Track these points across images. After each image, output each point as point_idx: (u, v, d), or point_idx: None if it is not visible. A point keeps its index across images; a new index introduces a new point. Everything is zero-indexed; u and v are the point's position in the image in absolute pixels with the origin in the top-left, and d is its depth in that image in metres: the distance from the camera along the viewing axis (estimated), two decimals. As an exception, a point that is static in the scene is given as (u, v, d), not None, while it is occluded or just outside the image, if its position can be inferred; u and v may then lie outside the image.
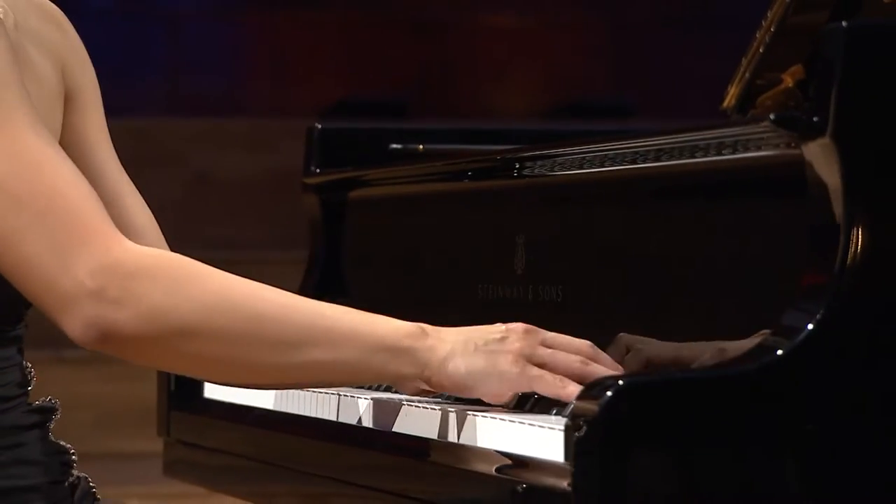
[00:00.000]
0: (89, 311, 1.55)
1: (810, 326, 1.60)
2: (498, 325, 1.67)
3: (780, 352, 1.59)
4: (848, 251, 1.62)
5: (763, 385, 1.59)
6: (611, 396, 1.55)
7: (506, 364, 1.64)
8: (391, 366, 1.62)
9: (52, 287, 1.57)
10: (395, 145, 2.53)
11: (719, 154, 1.79)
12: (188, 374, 1.69)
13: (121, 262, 1.56)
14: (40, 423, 1.75)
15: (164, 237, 1.94)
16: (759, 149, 1.73)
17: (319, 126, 2.57)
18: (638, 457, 1.56)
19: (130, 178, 1.95)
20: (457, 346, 1.63)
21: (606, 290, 1.97)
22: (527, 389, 1.67)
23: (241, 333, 1.57)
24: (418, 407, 1.85)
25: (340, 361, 1.61)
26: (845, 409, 1.61)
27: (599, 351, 1.72)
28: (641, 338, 1.82)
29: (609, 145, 1.94)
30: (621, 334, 1.83)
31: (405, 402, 1.86)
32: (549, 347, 1.67)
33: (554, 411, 1.80)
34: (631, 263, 1.94)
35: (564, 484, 1.57)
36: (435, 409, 1.82)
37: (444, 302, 2.26)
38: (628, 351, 1.81)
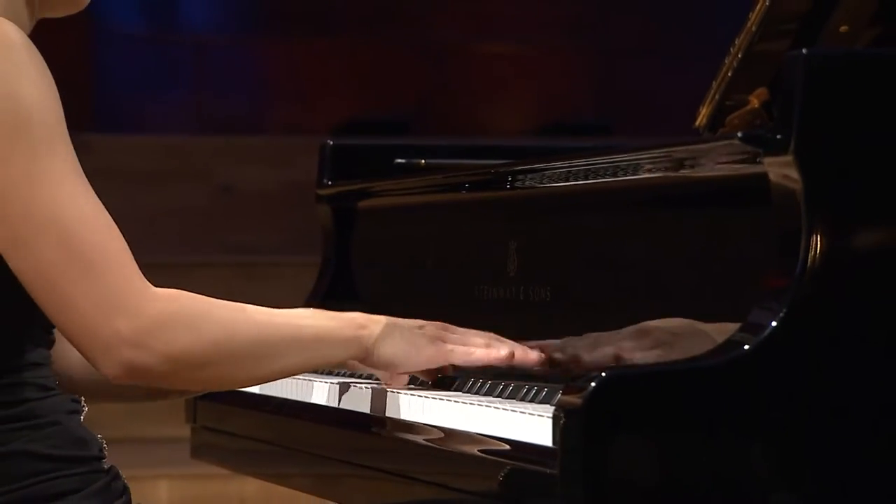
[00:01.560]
0: (125, 357, 1.65)
1: (774, 324, 1.60)
2: (419, 321, 1.84)
3: (746, 347, 1.59)
4: (808, 256, 1.61)
5: (731, 377, 1.58)
6: (594, 387, 1.55)
7: (424, 344, 1.80)
8: (343, 354, 1.79)
9: (92, 334, 1.65)
10: (399, 160, 2.53)
11: (692, 168, 1.78)
12: (199, 391, 1.86)
13: (151, 316, 1.65)
14: (76, 410, 1.78)
15: (192, 245, 1.98)
16: (728, 164, 1.73)
17: (331, 142, 2.57)
18: (618, 442, 1.56)
19: (158, 191, 1.97)
20: (386, 332, 1.79)
21: (590, 290, 1.96)
22: (444, 362, 1.82)
23: (243, 356, 1.72)
24: (423, 398, 1.85)
25: (311, 360, 1.78)
26: (807, 399, 1.61)
27: (501, 339, 1.85)
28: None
29: (592, 160, 1.94)
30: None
31: (410, 394, 1.86)
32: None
33: (541, 398, 1.80)
34: (612, 266, 1.94)
35: (551, 467, 1.57)
36: (442, 400, 1.82)
37: (444, 301, 2.25)
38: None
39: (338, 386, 2.04)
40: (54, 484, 1.71)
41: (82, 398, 1.80)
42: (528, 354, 1.84)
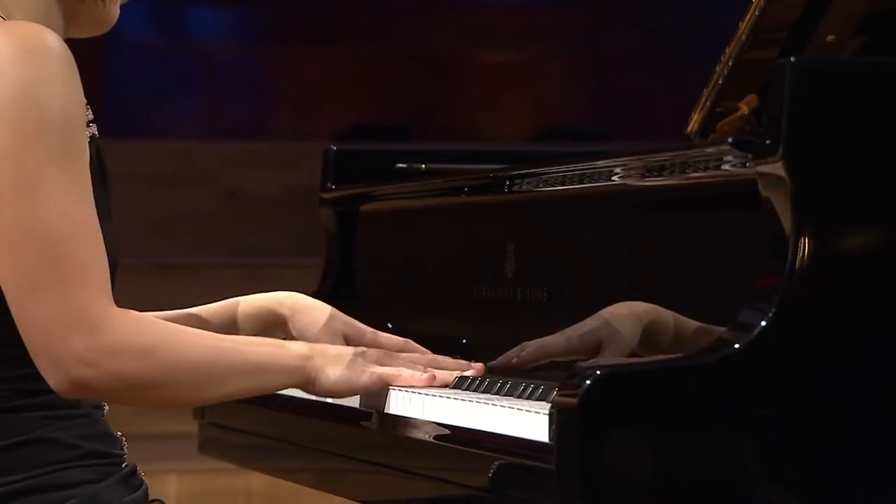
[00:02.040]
0: (73, 373, 1.65)
1: (763, 323, 1.59)
2: (355, 348, 1.87)
3: (736, 345, 1.59)
4: (796, 257, 1.61)
5: (721, 375, 1.58)
6: (589, 385, 1.54)
7: (362, 370, 1.83)
8: (285, 382, 1.81)
9: (48, 345, 1.65)
10: (400, 165, 2.52)
11: (684, 172, 1.78)
12: (144, 407, 1.83)
13: (106, 338, 1.65)
14: (99, 406, 1.80)
15: (200, 247, 1.99)
16: (718, 168, 1.72)
17: (334, 148, 2.56)
18: (612, 438, 1.56)
19: (168, 195, 1.97)
20: (328, 362, 1.81)
21: (585, 290, 1.96)
22: (380, 386, 1.85)
23: (187, 382, 1.72)
24: (423, 395, 1.84)
25: (254, 386, 1.78)
26: (795, 397, 1.60)
27: (444, 359, 1.92)
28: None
29: (587, 165, 1.94)
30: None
31: (414, 392, 1.85)
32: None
33: (537, 396, 1.79)
34: (606, 268, 1.94)
35: (548, 462, 1.56)
36: (441, 397, 1.82)
37: (444, 301, 2.25)
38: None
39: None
40: (76, 472, 1.71)
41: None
42: (466, 367, 1.89)
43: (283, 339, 1.98)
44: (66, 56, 1.65)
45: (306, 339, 1.98)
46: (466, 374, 1.89)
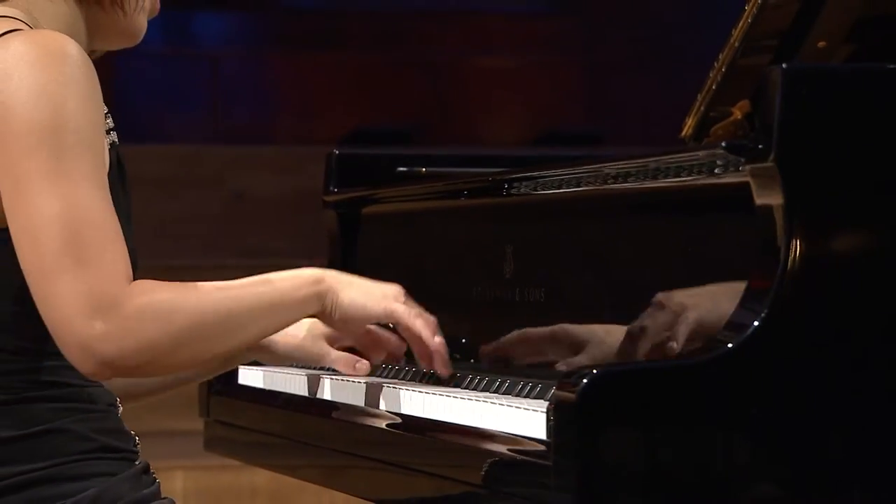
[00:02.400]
0: (100, 353, 1.64)
1: (756, 323, 1.59)
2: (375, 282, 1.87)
3: (730, 345, 1.59)
4: (788, 258, 1.61)
5: (716, 374, 1.58)
6: (586, 383, 1.54)
7: (379, 297, 1.84)
8: (303, 313, 1.81)
9: (70, 330, 1.64)
10: (401, 168, 2.52)
11: (678, 176, 1.78)
12: (168, 373, 1.85)
13: (124, 314, 1.65)
14: (114, 403, 1.81)
15: (206, 248, 1.99)
16: (712, 171, 1.72)
17: (337, 152, 2.56)
18: (609, 435, 1.55)
19: (175, 197, 1.97)
20: (342, 285, 1.82)
21: (582, 291, 1.96)
22: (389, 320, 1.85)
23: (212, 334, 1.71)
24: (423, 394, 1.84)
25: (276, 322, 1.78)
26: (787, 395, 1.60)
27: (438, 328, 1.89)
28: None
29: (584, 168, 1.94)
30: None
31: (415, 391, 1.85)
32: None
33: (535, 394, 1.79)
34: (603, 268, 1.94)
35: (546, 459, 1.56)
36: (441, 395, 1.81)
37: (444, 301, 2.24)
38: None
39: (343, 382, 2.03)
40: (91, 464, 1.72)
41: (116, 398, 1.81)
42: (443, 365, 1.88)
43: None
44: (85, 63, 1.67)
45: (289, 343, 1.99)
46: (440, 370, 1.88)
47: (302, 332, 2.00)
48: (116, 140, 1.79)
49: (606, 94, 7.87)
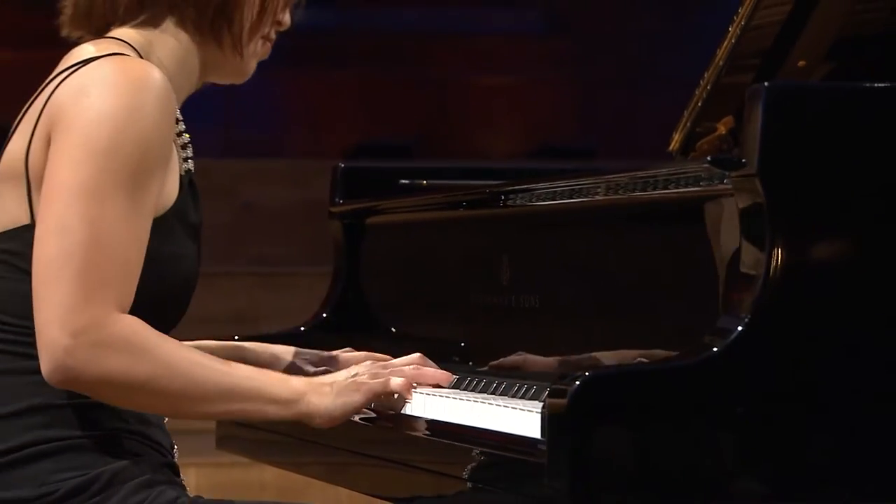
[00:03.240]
0: (60, 363, 1.65)
1: (740, 328, 1.59)
2: (352, 367, 1.81)
3: (715, 349, 1.58)
4: (770, 267, 1.61)
5: (702, 376, 1.58)
6: (579, 385, 1.54)
7: (354, 396, 1.77)
8: (281, 414, 1.75)
9: (44, 335, 1.66)
10: (403, 180, 2.52)
11: (666, 188, 1.78)
12: (120, 406, 1.78)
13: (102, 337, 1.65)
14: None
15: (218, 256, 1.99)
16: (698, 184, 1.72)
17: (342, 165, 2.56)
18: (600, 434, 1.55)
19: None
20: (321, 395, 1.75)
21: (575, 298, 1.96)
22: (370, 402, 1.79)
23: (175, 392, 1.69)
24: (424, 395, 1.84)
25: (245, 410, 1.74)
26: (770, 395, 1.60)
27: (427, 360, 1.85)
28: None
29: (577, 181, 1.93)
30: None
31: (415, 392, 1.84)
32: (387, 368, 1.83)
33: (530, 395, 1.79)
34: (595, 276, 1.93)
35: (540, 457, 1.56)
36: (440, 397, 1.81)
37: (444, 307, 2.24)
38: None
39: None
40: (121, 443, 1.73)
41: None
42: (447, 379, 1.84)
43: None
44: (163, 95, 1.70)
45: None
46: (444, 383, 1.84)
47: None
48: (192, 168, 1.81)
49: (598, 109, 7.88)
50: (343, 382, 1.78)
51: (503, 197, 2.09)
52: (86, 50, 1.76)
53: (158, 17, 1.81)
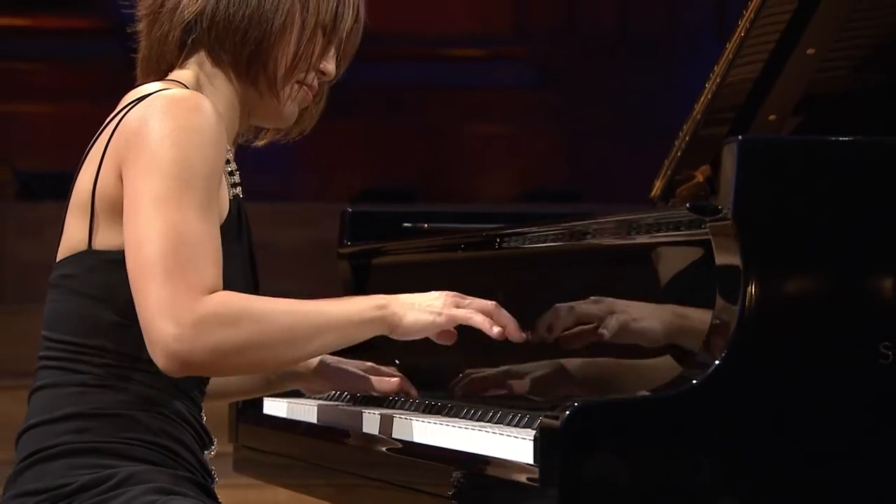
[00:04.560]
0: (172, 350, 1.68)
1: (717, 362, 1.59)
2: (433, 293, 1.83)
3: (694, 381, 1.58)
4: (745, 305, 1.61)
5: (683, 406, 1.58)
6: (568, 415, 1.54)
7: (439, 312, 1.80)
8: (369, 331, 1.79)
9: (151, 328, 1.69)
10: (406, 224, 2.52)
11: (648, 232, 1.78)
12: (240, 374, 1.86)
13: (196, 320, 1.69)
14: (194, 425, 1.84)
15: None
16: (678, 228, 1.72)
17: (350, 210, 2.56)
18: (589, 460, 1.55)
19: None
20: (405, 308, 1.79)
21: (563, 332, 1.95)
22: (449, 325, 1.80)
23: (276, 342, 1.73)
24: (425, 423, 1.83)
25: (339, 338, 1.77)
26: (745, 423, 1.60)
27: (501, 309, 1.84)
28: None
29: (565, 225, 1.94)
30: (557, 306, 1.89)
31: (417, 420, 1.84)
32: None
33: (524, 423, 1.79)
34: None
35: (533, 481, 1.56)
36: (440, 424, 1.81)
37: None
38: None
39: (356, 413, 2.03)
40: (142, 451, 1.75)
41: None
42: (518, 333, 1.84)
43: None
44: (213, 119, 1.74)
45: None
46: (514, 337, 1.82)
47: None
48: (241, 194, 1.85)
49: (585, 157, 7.90)
50: (426, 301, 1.80)
51: (498, 240, 2.09)
52: (143, 88, 1.81)
53: (201, 60, 1.83)
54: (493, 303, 1.84)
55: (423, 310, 1.79)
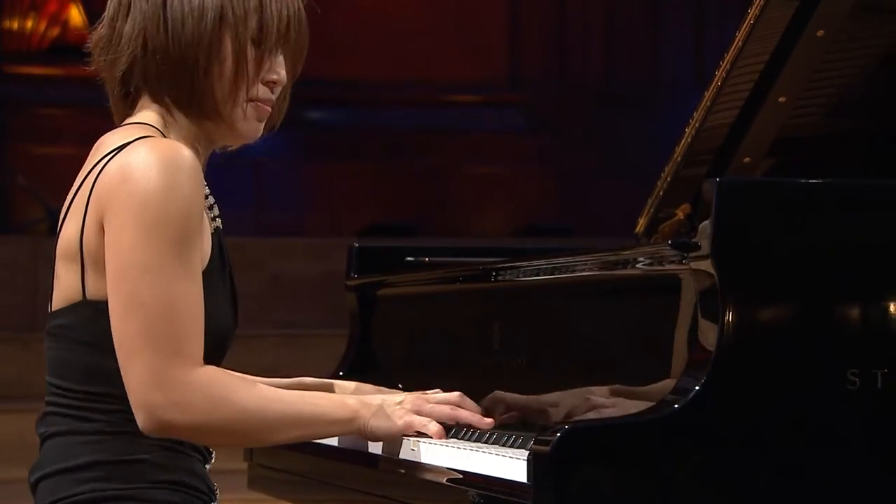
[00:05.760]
0: (156, 417, 1.65)
1: (697, 388, 1.59)
2: (401, 393, 1.83)
3: (676, 406, 1.58)
4: (723, 335, 1.61)
5: (665, 429, 1.57)
6: (560, 437, 1.54)
7: (396, 423, 1.77)
8: (341, 432, 1.78)
9: (136, 392, 1.65)
10: (409, 258, 2.52)
11: (633, 266, 1.78)
12: (220, 447, 1.79)
13: (184, 391, 1.65)
14: (201, 451, 1.78)
15: (249, 321, 1.97)
16: (661, 263, 1.72)
17: (356, 245, 2.55)
18: (578, 478, 1.54)
19: None
20: (374, 413, 1.75)
21: (556, 359, 1.95)
22: (407, 432, 1.78)
23: (251, 431, 1.70)
24: (425, 443, 1.83)
25: (309, 434, 1.75)
26: (722, 446, 1.60)
27: (465, 399, 1.82)
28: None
29: (557, 260, 1.94)
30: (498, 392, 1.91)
31: (421, 441, 1.83)
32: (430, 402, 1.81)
33: (518, 444, 1.78)
34: (572, 341, 1.93)
35: (526, 499, 1.55)
36: (438, 445, 1.80)
37: (443, 367, 2.23)
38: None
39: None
40: (164, 493, 1.70)
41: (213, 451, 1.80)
42: (481, 421, 1.81)
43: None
44: (195, 168, 1.66)
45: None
46: (479, 426, 1.80)
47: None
48: (221, 226, 1.77)
49: (574, 196, 7.91)
50: (390, 407, 1.77)
51: (494, 273, 2.09)
52: (116, 137, 1.71)
53: (151, 99, 1.73)
54: (458, 394, 1.81)
55: (387, 416, 1.76)
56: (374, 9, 8.09)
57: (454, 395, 1.82)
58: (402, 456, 1.86)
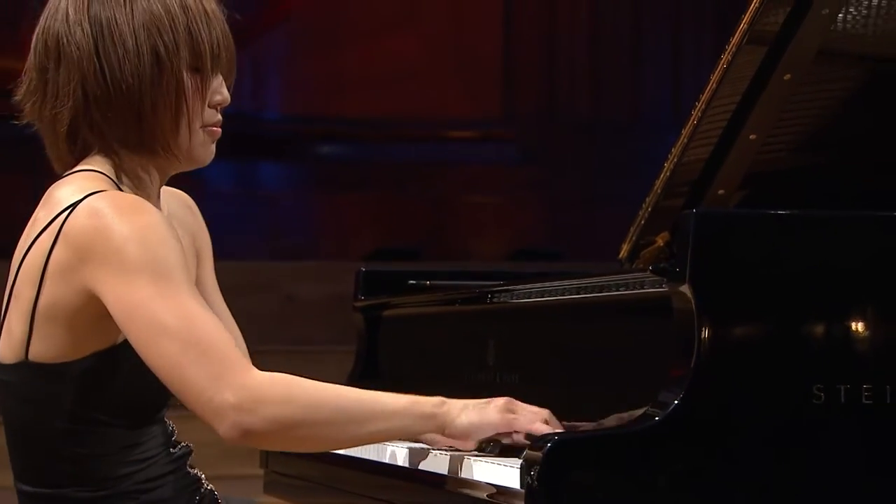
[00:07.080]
0: (234, 420, 1.51)
1: (676, 402, 1.59)
2: (485, 399, 1.65)
3: (657, 418, 1.58)
4: (700, 353, 1.61)
5: (646, 440, 1.57)
6: (549, 447, 1.54)
7: (492, 415, 1.61)
8: (422, 428, 1.61)
9: (207, 403, 1.52)
10: (412, 281, 2.52)
11: (617, 290, 1.79)
12: (297, 451, 1.66)
13: (252, 387, 1.52)
14: (176, 469, 1.65)
15: (265, 338, 1.93)
16: (642, 287, 1.73)
17: (363, 269, 2.56)
18: (567, 485, 1.55)
19: (242, 300, 1.92)
20: (460, 408, 1.61)
21: (547, 375, 1.95)
22: (508, 429, 1.62)
23: (329, 422, 1.55)
24: (437, 454, 1.82)
25: (391, 429, 1.59)
26: (701, 456, 1.60)
27: (554, 419, 1.66)
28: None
29: (547, 284, 1.94)
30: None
31: (429, 450, 1.83)
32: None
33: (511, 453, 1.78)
34: (562, 359, 1.93)
35: (519, 502, 1.55)
36: (437, 452, 1.80)
37: (443, 382, 2.23)
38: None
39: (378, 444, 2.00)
40: None
41: (191, 445, 1.67)
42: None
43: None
44: (155, 211, 1.57)
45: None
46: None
47: None
48: None
49: (564, 223, 7.92)
50: (480, 403, 1.59)
51: (490, 295, 2.09)
52: (67, 191, 1.56)
53: (99, 146, 1.58)
54: (547, 412, 1.62)
55: (477, 412, 1.58)
56: (380, 54, 8.14)
57: (544, 412, 1.63)
58: (397, 462, 1.86)
